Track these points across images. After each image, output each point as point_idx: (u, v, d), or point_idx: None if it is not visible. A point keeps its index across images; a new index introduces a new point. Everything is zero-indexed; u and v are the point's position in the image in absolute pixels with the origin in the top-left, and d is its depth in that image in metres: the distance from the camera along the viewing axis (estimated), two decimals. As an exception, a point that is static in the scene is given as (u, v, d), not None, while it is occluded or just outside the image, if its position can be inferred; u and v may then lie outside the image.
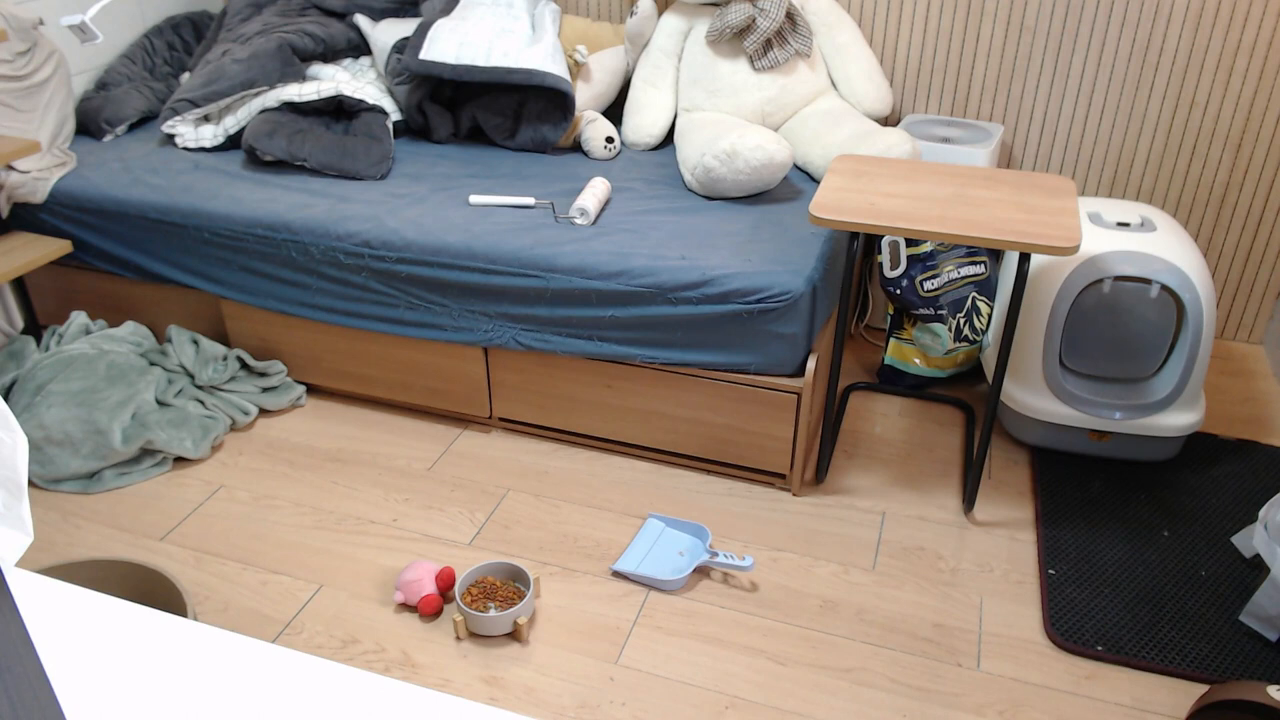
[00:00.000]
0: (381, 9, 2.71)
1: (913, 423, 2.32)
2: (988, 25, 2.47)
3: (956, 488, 2.10)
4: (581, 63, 2.51)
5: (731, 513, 2.02)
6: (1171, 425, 2.05)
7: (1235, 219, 2.51)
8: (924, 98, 2.61)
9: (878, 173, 1.94)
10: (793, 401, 1.97)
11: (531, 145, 2.50)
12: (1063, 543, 1.93)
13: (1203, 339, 1.99)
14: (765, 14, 2.31)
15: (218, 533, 1.97)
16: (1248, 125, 2.40)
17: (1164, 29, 2.35)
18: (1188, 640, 1.71)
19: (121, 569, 1.60)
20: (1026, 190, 1.85)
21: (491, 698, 1.62)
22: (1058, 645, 1.71)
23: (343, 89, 2.43)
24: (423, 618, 1.77)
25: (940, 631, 1.74)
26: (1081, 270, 1.98)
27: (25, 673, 0.57)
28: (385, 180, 2.33)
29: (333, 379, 2.34)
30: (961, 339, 2.32)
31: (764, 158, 2.12)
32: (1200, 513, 2.01)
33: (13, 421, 0.61)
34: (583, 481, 2.11)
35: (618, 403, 2.11)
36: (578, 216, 2.11)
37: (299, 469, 2.15)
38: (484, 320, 2.10)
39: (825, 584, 1.84)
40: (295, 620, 1.76)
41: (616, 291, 1.97)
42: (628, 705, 1.60)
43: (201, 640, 0.77)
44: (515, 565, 1.79)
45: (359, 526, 1.99)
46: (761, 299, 1.89)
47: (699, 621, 1.76)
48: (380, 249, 2.10)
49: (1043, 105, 2.52)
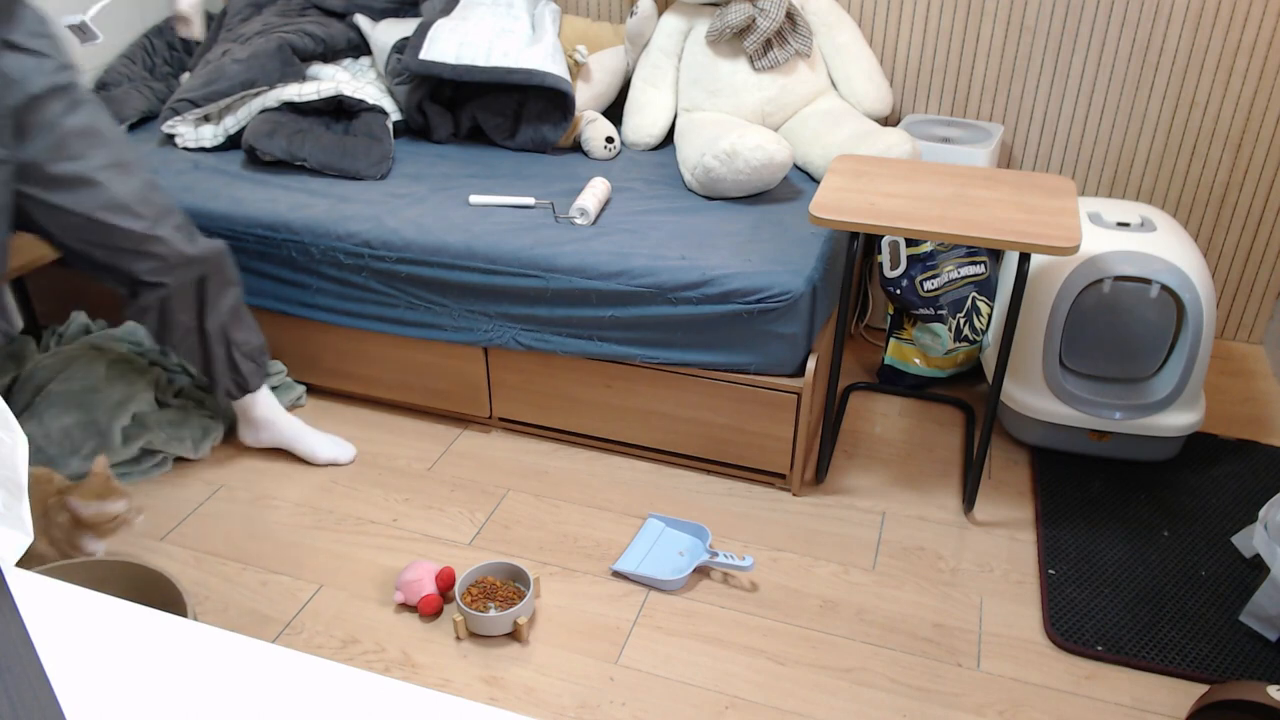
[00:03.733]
0: (381, 9, 2.71)
1: (913, 423, 2.32)
2: (988, 25, 2.47)
3: (956, 488, 2.10)
4: (581, 63, 2.51)
5: (731, 513, 2.02)
6: (1171, 425, 2.05)
7: (1235, 219, 2.51)
8: (924, 98, 2.61)
9: (878, 173, 1.94)
10: (793, 401, 1.97)
11: (531, 145, 2.50)
12: (1063, 543, 1.93)
13: (1203, 339, 1.99)
14: (765, 14, 2.31)
15: (218, 533, 1.97)
16: (1248, 125, 2.40)
17: (1164, 29, 2.35)
18: (1188, 640, 1.71)
19: (121, 569, 1.59)
20: (1026, 190, 1.85)
21: (491, 698, 1.62)
22: (1058, 645, 1.71)
23: (343, 89, 2.43)
24: (423, 618, 1.77)
25: (940, 631, 1.74)
26: (1081, 270, 1.98)
27: (25, 673, 0.57)
28: (385, 180, 2.33)
29: (333, 379, 2.34)
30: (961, 339, 2.32)
31: (764, 158, 2.12)
32: (1200, 513, 2.01)
33: (13, 421, 0.61)
34: (583, 481, 2.11)
35: (618, 403, 2.11)
36: (578, 216, 2.11)
37: (299, 469, 2.15)
38: (484, 320, 2.10)
39: (825, 584, 1.84)
40: (295, 620, 1.76)
41: (616, 291, 1.97)
42: (628, 705, 1.60)
43: (201, 640, 0.77)
44: (515, 565, 1.79)
45: (359, 526, 1.99)
46: (761, 299, 1.89)
47: (699, 621, 1.76)
48: (380, 249, 2.10)
49: (1043, 105, 2.52)
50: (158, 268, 1.84)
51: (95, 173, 1.73)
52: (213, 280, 1.93)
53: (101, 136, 1.75)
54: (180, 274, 1.87)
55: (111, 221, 1.76)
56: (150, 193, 1.82)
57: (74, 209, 1.72)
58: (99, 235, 1.76)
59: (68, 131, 1.69)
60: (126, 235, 1.78)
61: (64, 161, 1.69)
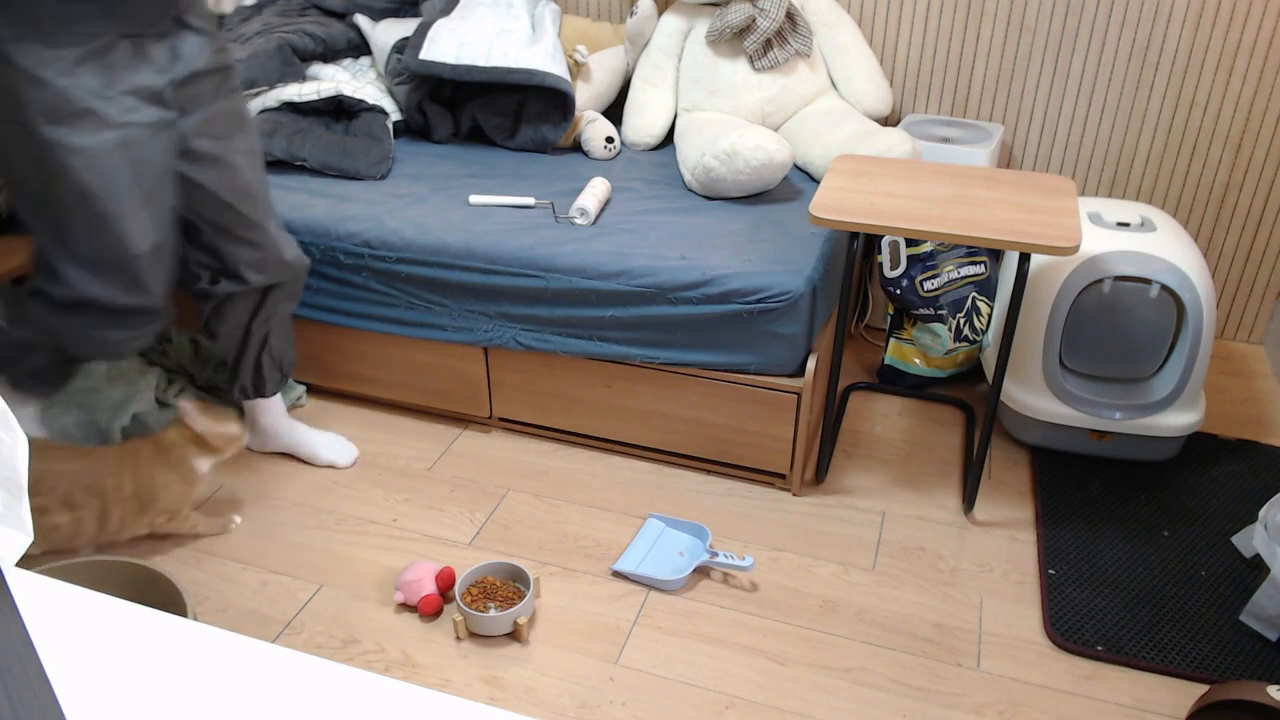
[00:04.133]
0: (381, 9, 2.71)
1: (913, 423, 2.32)
2: (988, 25, 2.47)
3: (956, 488, 2.10)
4: (581, 63, 2.51)
5: (731, 513, 2.02)
6: (1171, 425, 2.05)
7: (1235, 219, 2.51)
8: (924, 98, 2.61)
9: (878, 173, 1.94)
10: (793, 401, 1.97)
11: (531, 145, 2.50)
12: (1063, 543, 1.93)
13: (1203, 339, 1.99)
14: (765, 14, 2.31)
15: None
16: (1248, 125, 2.40)
17: (1164, 29, 2.35)
18: (1188, 640, 1.71)
19: (121, 569, 1.60)
20: (1026, 190, 1.85)
21: (491, 698, 1.62)
22: (1058, 645, 1.71)
23: (343, 89, 2.43)
24: (423, 618, 1.77)
25: (940, 631, 1.74)
26: (1081, 270, 1.98)
27: (25, 673, 0.57)
28: (385, 180, 2.33)
29: (333, 379, 2.34)
30: (961, 339, 2.32)
31: (764, 158, 2.12)
32: (1200, 513, 2.01)
33: (13, 421, 0.61)
34: (583, 481, 2.11)
35: (618, 403, 2.11)
36: (578, 216, 2.11)
37: (299, 469, 2.15)
38: (484, 320, 2.10)
39: (825, 584, 1.84)
40: (295, 620, 1.76)
41: (616, 291, 1.97)
42: (628, 705, 1.60)
43: (201, 640, 0.77)
44: (515, 565, 1.79)
45: (359, 526, 1.99)
46: (761, 299, 1.89)
47: (699, 621, 1.76)
48: (380, 249, 2.10)
49: (1043, 105, 2.52)
50: (255, 261, 1.90)
51: (233, 155, 1.80)
52: (282, 290, 1.99)
53: (245, 122, 1.84)
54: (269, 275, 1.93)
55: (234, 203, 1.82)
56: (268, 189, 1.91)
57: (204, 184, 1.78)
58: (215, 213, 1.82)
59: (218, 111, 1.77)
60: (241, 220, 1.85)
61: (207, 139, 1.76)
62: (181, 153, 1.73)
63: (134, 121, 1.61)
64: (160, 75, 1.64)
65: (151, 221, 1.70)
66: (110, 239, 1.66)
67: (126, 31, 1.58)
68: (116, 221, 1.65)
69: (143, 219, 1.68)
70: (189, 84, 1.70)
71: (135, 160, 1.64)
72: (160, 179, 1.70)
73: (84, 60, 1.55)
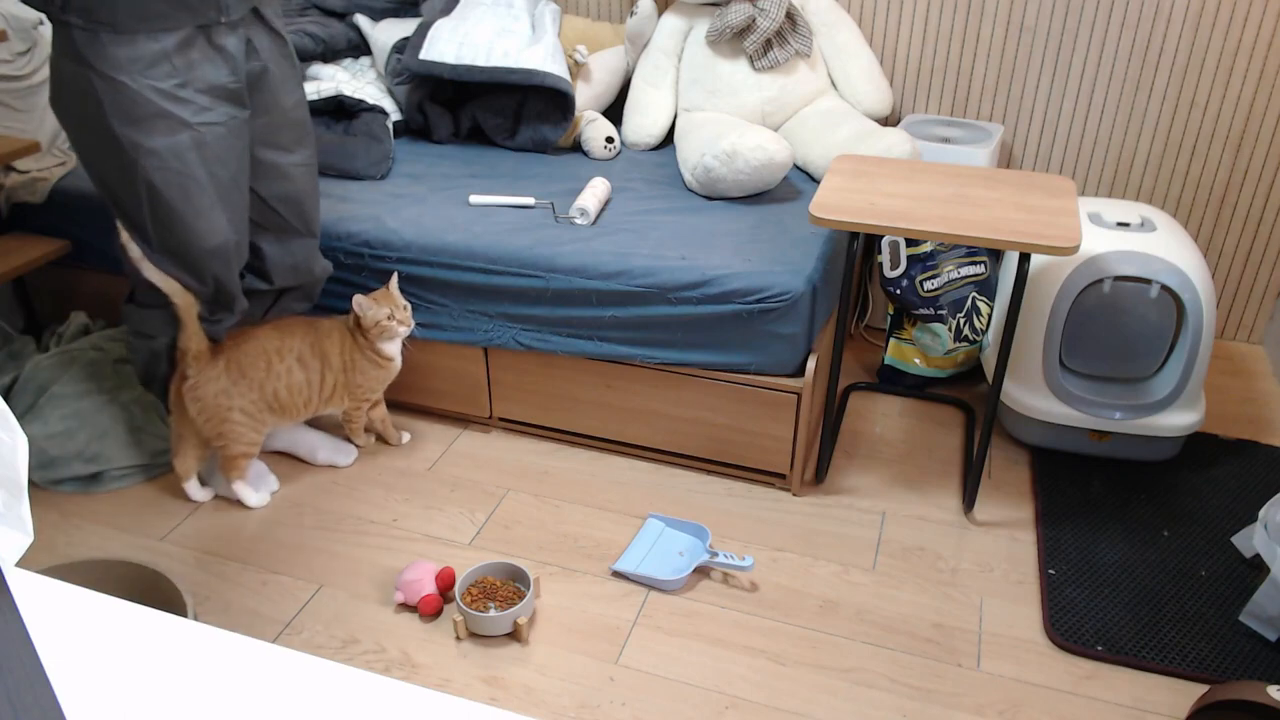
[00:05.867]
0: (381, 9, 2.71)
1: (913, 423, 2.32)
2: (988, 25, 2.47)
3: (956, 488, 2.10)
4: (581, 63, 2.51)
5: (731, 513, 2.02)
6: (1171, 425, 2.05)
7: (1235, 219, 2.51)
8: (924, 98, 2.61)
9: (878, 173, 1.94)
10: (793, 401, 1.97)
11: (531, 145, 2.50)
12: (1063, 543, 1.93)
13: (1203, 339, 1.99)
14: (765, 14, 2.31)
15: (218, 533, 1.97)
16: (1248, 125, 2.40)
17: (1164, 29, 2.35)
18: (1188, 640, 1.71)
19: (121, 569, 1.60)
20: (1026, 190, 1.85)
21: (491, 698, 1.62)
22: (1058, 645, 1.71)
23: (343, 89, 2.43)
24: (423, 618, 1.77)
25: (940, 631, 1.74)
26: (1081, 270, 1.98)
27: (25, 673, 0.57)
28: (385, 180, 2.33)
29: (333, 379, 2.34)
30: (961, 339, 2.32)
31: (764, 158, 2.12)
32: (1200, 513, 2.01)
33: (13, 422, 0.61)
34: (583, 481, 2.11)
35: (618, 403, 2.11)
36: (578, 216, 2.11)
37: (299, 469, 2.15)
38: (484, 320, 2.10)
39: (825, 584, 1.84)
40: (295, 620, 1.76)
41: (616, 291, 1.97)
42: (628, 705, 1.60)
43: (201, 640, 0.77)
44: (515, 565, 1.79)
45: (359, 526, 1.99)
46: (761, 299, 1.89)
47: (699, 621, 1.76)
48: (380, 249, 2.10)
49: (1043, 105, 2.52)
50: (288, 267, 1.95)
51: (292, 168, 1.84)
52: (298, 291, 2.03)
53: (308, 132, 1.87)
54: (294, 281, 1.97)
55: (280, 210, 1.87)
56: (318, 200, 1.95)
57: (257, 190, 1.82)
58: (261, 215, 1.86)
59: (285, 119, 1.80)
60: (287, 228, 1.90)
61: (270, 149, 1.80)
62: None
63: (208, 122, 1.64)
64: (235, 72, 1.66)
65: (226, 218, 1.74)
66: (184, 234, 1.71)
67: (202, 21, 1.60)
68: (190, 219, 1.69)
69: (216, 216, 1.72)
70: (261, 79, 1.72)
71: (209, 159, 1.67)
72: (235, 177, 1.73)
73: (158, 60, 1.57)
